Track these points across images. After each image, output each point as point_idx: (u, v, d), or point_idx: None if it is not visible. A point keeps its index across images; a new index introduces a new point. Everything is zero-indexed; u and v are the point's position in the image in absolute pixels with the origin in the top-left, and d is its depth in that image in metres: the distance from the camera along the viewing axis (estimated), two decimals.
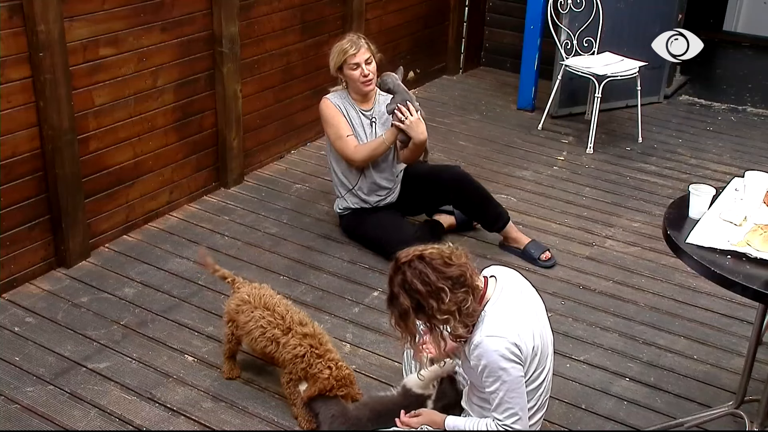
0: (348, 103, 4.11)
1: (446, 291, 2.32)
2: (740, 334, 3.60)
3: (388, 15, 5.97)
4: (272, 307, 3.02)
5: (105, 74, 3.89)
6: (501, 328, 2.37)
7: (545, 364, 2.51)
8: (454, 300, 2.33)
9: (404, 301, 2.35)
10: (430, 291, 2.33)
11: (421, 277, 2.33)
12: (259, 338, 2.98)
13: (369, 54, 4.01)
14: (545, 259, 4.09)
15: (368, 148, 4.07)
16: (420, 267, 2.34)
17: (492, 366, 2.36)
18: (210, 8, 4.38)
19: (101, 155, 3.99)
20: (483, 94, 6.59)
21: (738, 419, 2.92)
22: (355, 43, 3.98)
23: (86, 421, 2.98)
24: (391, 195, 4.24)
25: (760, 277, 2.39)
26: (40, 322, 3.53)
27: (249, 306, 3.04)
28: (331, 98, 4.11)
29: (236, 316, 3.07)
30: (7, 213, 3.62)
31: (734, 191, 2.89)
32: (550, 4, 5.75)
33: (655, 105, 6.41)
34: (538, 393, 2.52)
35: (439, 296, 2.32)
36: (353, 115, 4.11)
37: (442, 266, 2.35)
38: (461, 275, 2.36)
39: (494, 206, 4.20)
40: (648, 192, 4.99)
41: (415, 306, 2.35)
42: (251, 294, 3.08)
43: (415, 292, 2.33)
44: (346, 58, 3.97)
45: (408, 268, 2.36)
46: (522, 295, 2.53)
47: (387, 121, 4.10)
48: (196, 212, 4.54)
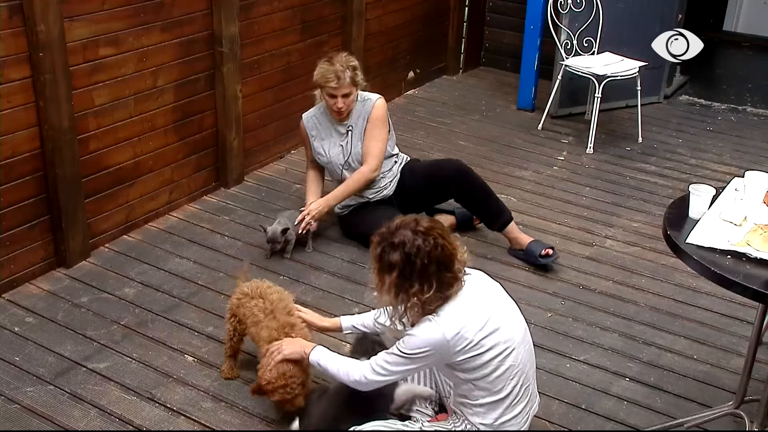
0: (325, 117, 4.21)
1: (431, 287, 2.44)
2: (740, 334, 3.60)
3: (388, 15, 5.97)
4: (266, 295, 3.05)
5: (105, 74, 3.89)
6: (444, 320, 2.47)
7: (509, 353, 2.52)
8: (429, 299, 2.45)
9: (397, 258, 2.44)
10: (420, 275, 2.44)
11: (424, 258, 2.43)
12: (251, 327, 3.00)
13: (349, 89, 4.05)
14: (545, 254, 4.04)
15: (307, 185, 4.33)
16: (430, 248, 2.44)
17: (411, 341, 2.48)
18: (210, 8, 4.38)
19: (101, 155, 3.99)
20: (483, 94, 6.59)
21: (738, 419, 2.92)
22: (339, 78, 3.99)
23: (86, 421, 2.98)
24: (388, 188, 4.26)
25: (760, 277, 2.39)
26: (40, 322, 3.53)
27: (247, 298, 3.06)
28: (304, 118, 4.28)
29: (237, 310, 3.08)
30: (7, 213, 3.62)
31: (734, 191, 2.89)
32: (550, 4, 5.75)
33: (655, 105, 6.42)
34: (508, 379, 2.54)
35: (422, 285, 2.45)
36: (326, 126, 4.21)
37: (445, 266, 2.46)
38: (449, 285, 2.48)
39: (496, 201, 4.20)
40: (648, 192, 5.00)
41: (401, 270, 2.44)
42: (250, 286, 3.11)
43: (410, 263, 2.44)
44: (326, 85, 4.03)
45: (422, 238, 2.44)
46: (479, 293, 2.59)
47: (363, 130, 4.17)
48: (196, 212, 4.54)
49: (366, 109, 4.16)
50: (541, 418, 3.07)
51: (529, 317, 3.67)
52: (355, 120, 4.18)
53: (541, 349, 3.47)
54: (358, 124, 4.18)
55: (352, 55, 4.16)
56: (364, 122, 4.17)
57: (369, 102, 4.17)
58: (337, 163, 4.21)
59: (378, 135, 4.16)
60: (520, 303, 3.77)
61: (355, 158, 4.19)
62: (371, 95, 4.21)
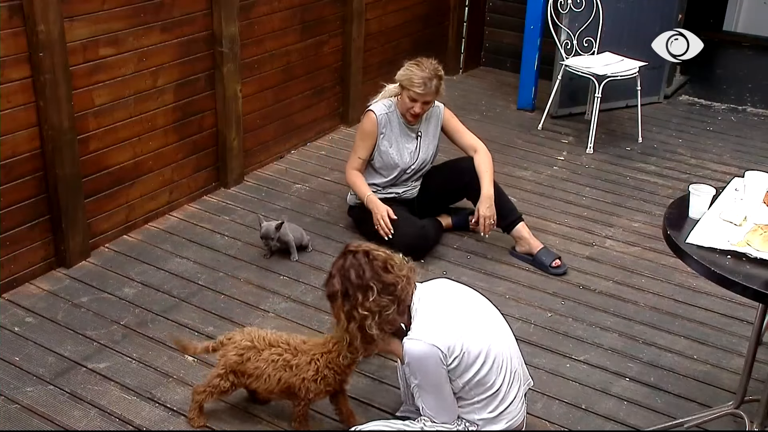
0: (394, 115, 4.12)
1: (373, 291, 2.50)
2: (740, 334, 3.60)
3: (388, 15, 5.97)
4: (276, 342, 2.86)
5: (105, 74, 3.89)
6: (419, 332, 2.53)
7: (489, 347, 2.57)
8: (377, 302, 2.52)
9: (336, 284, 2.54)
10: (360, 285, 2.51)
11: (358, 270, 2.52)
12: (272, 373, 2.82)
13: (432, 98, 4.01)
14: (556, 266, 4.05)
15: (351, 182, 4.17)
16: (361, 260, 2.53)
17: (411, 366, 2.55)
18: (210, 8, 4.37)
19: (101, 155, 3.99)
20: (483, 94, 6.60)
21: (738, 419, 2.92)
22: (426, 84, 3.93)
23: (86, 421, 2.98)
24: (414, 189, 4.29)
25: (760, 277, 2.39)
26: (40, 322, 3.53)
27: (255, 351, 2.84)
28: (377, 112, 4.10)
29: (241, 366, 2.85)
30: (7, 213, 3.62)
31: (734, 191, 2.89)
32: (550, 4, 5.75)
33: (655, 105, 6.42)
34: (496, 372, 2.58)
35: (365, 293, 2.51)
36: (396, 127, 4.13)
37: (381, 269, 2.53)
38: (393, 284, 2.53)
39: (507, 200, 4.21)
40: (648, 192, 4.99)
41: (344, 292, 2.53)
42: (249, 338, 2.88)
43: (347, 280, 2.53)
44: (411, 89, 3.96)
45: (351, 257, 2.55)
46: (442, 296, 2.66)
47: (434, 137, 4.19)
48: (196, 212, 4.54)
49: (434, 114, 4.18)
50: (541, 418, 3.08)
51: (529, 317, 3.70)
52: (425, 126, 4.18)
53: (541, 349, 3.48)
54: (428, 131, 4.19)
55: (440, 64, 4.08)
56: (435, 129, 4.20)
57: (435, 108, 4.17)
58: (403, 168, 4.17)
59: (462, 127, 4.26)
60: (520, 303, 3.81)
61: (425, 164, 4.23)
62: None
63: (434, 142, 4.24)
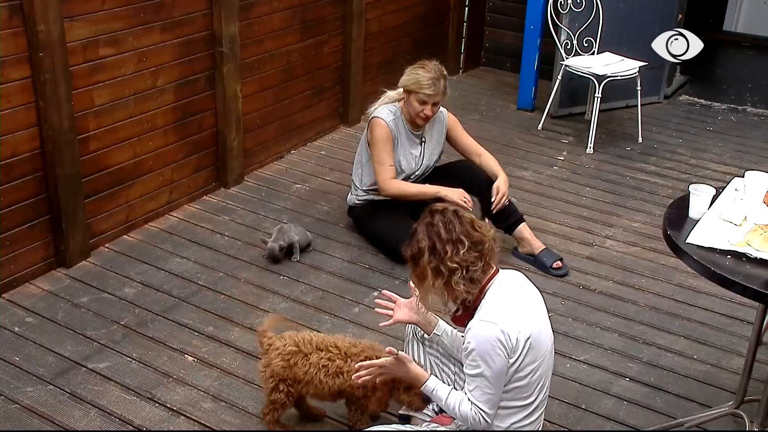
0: (400, 122, 4.09)
1: (463, 245, 2.45)
2: (740, 334, 3.60)
3: (388, 15, 5.97)
4: (324, 346, 2.78)
5: (105, 74, 3.89)
6: (494, 315, 2.43)
7: (542, 360, 2.50)
8: (467, 256, 2.45)
9: (422, 240, 2.48)
10: (449, 239, 2.46)
11: (447, 225, 2.48)
12: (324, 379, 2.75)
13: (441, 98, 3.99)
14: (557, 267, 4.05)
15: (403, 190, 4.06)
16: (450, 217, 2.50)
17: (479, 350, 2.41)
18: (210, 8, 4.37)
19: (101, 155, 3.99)
20: (483, 94, 6.60)
21: (738, 419, 2.92)
22: (435, 85, 3.92)
23: (86, 421, 2.98)
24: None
25: (760, 277, 2.39)
26: (40, 322, 3.53)
27: (302, 355, 2.76)
28: (385, 118, 4.04)
29: (289, 373, 2.76)
30: (7, 213, 3.62)
31: (734, 191, 2.89)
32: (550, 4, 5.75)
33: (655, 105, 6.42)
34: (537, 388, 2.51)
35: (455, 246, 2.45)
36: (402, 132, 4.10)
37: (469, 226, 2.50)
38: (481, 242, 2.49)
39: (509, 201, 4.19)
40: (648, 192, 5.00)
41: (431, 247, 2.47)
42: (293, 342, 2.79)
43: (436, 235, 2.46)
44: (420, 92, 3.94)
45: (439, 215, 2.51)
46: (522, 290, 2.57)
47: (437, 143, 4.17)
48: (196, 212, 4.54)
49: (438, 119, 4.16)
50: None
51: None
52: (429, 131, 4.16)
53: None
54: (432, 137, 4.18)
55: (442, 64, 4.07)
56: (440, 135, 4.19)
57: (439, 114, 4.15)
58: (408, 173, 4.14)
59: (465, 133, 4.27)
60: None
61: (428, 169, 4.21)
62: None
63: (438, 148, 4.23)
